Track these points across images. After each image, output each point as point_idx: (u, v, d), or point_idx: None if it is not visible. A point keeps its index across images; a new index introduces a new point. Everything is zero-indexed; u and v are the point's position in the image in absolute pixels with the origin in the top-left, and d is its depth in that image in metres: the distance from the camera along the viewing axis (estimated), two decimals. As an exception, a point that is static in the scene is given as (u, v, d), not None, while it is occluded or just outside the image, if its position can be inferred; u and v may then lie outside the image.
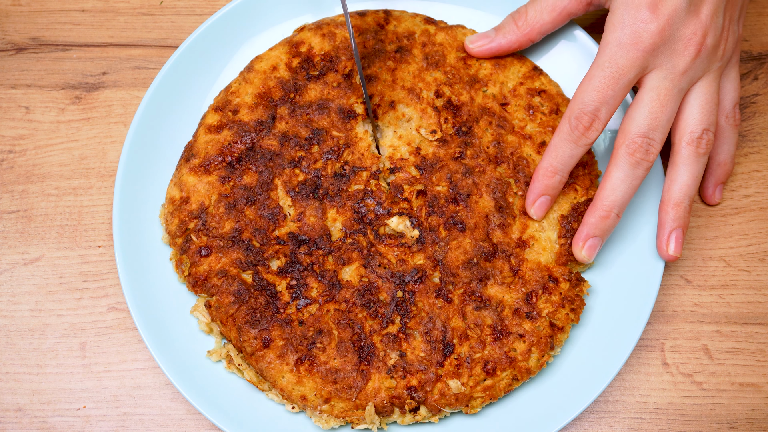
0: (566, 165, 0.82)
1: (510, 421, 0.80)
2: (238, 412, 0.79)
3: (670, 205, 0.83)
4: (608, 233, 0.82)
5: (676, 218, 0.83)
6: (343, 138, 0.88)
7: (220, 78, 0.93)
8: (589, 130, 0.80)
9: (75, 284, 0.91)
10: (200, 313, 0.82)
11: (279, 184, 0.86)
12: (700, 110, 0.81)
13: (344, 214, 0.85)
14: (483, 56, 0.91)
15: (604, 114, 0.79)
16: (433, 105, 0.89)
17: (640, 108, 0.79)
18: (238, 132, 0.87)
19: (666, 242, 0.83)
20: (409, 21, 0.94)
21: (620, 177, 0.80)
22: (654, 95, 0.79)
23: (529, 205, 0.84)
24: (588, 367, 0.82)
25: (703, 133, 0.81)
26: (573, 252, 0.83)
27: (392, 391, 0.78)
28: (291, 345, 0.79)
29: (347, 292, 0.82)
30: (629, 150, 0.79)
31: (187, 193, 0.85)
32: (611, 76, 0.78)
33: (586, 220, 0.82)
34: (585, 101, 0.79)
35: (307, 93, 0.89)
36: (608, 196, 0.80)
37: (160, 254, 0.85)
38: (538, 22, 0.89)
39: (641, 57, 0.78)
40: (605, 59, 0.78)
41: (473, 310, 0.81)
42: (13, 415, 0.86)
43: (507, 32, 0.90)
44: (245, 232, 0.84)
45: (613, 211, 0.81)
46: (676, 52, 0.78)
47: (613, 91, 0.78)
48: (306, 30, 0.92)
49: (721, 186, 0.93)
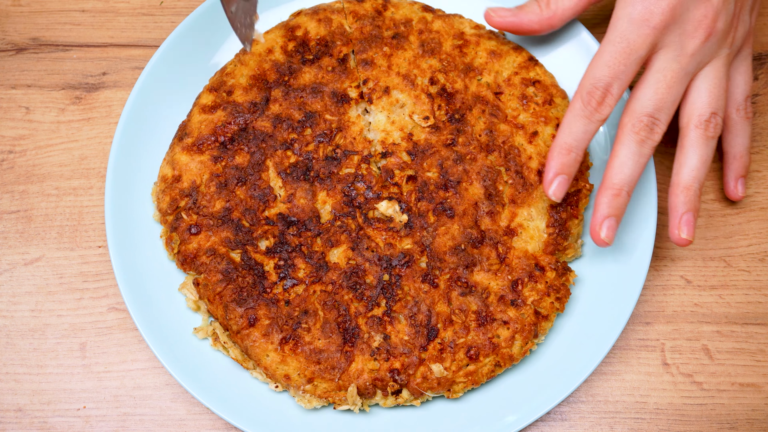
0: (581, 142, 0.81)
1: (491, 407, 0.81)
2: (222, 389, 0.80)
3: (680, 188, 0.81)
4: (622, 212, 0.80)
5: (686, 201, 0.80)
6: (336, 122, 0.88)
7: (215, 59, 0.93)
8: (602, 106, 0.79)
9: (75, 284, 0.91)
10: (188, 291, 0.83)
11: (270, 165, 0.86)
12: (708, 94, 0.80)
13: (334, 196, 0.85)
14: (501, 27, 0.90)
15: (616, 89, 0.79)
16: (427, 92, 0.90)
17: (646, 88, 0.79)
18: (231, 113, 0.88)
19: (678, 226, 0.81)
20: (407, 8, 0.94)
21: (627, 155, 0.79)
22: (661, 76, 0.78)
23: (547, 186, 0.82)
24: (571, 357, 0.82)
25: (711, 117, 0.80)
26: (592, 238, 0.81)
27: (375, 373, 0.79)
28: (276, 324, 0.80)
29: (334, 274, 0.82)
30: (635, 129, 0.78)
31: (179, 171, 0.86)
32: (622, 51, 0.78)
33: (599, 201, 0.80)
34: (597, 76, 0.78)
35: (302, 76, 0.90)
36: (617, 174, 0.79)
37: (150, 232, 0.86)
38: (560, 8, 0.88)
39: (651, 34, 0.77)
40: (616, 35, 0.78)
41: (459, 296, 0.81)
42: (13, 416, 0.86)
43: (529, 12, 0.89)
44: (235, 212, 0.84)
45: (624, 189, 0.79)
46: (686, 33, 0.78)
47: (624, 66, 0.78)
48: (302, 15, 0.93)
49: (742, 179, 0.91)
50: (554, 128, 0.89)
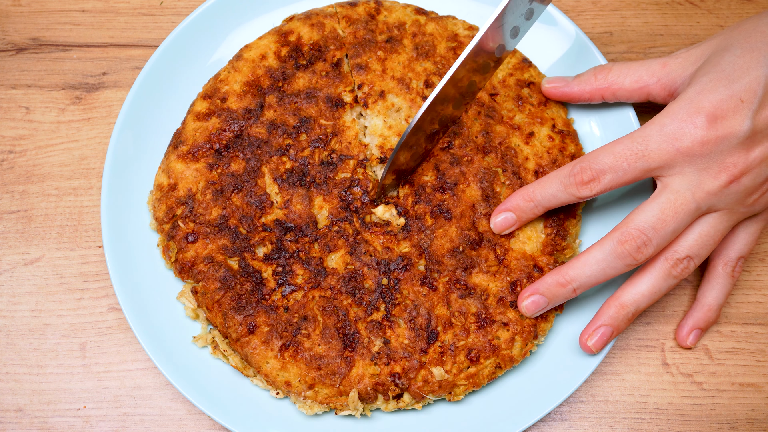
0: (546, 201, 0.80)
1: (493, 409, 0.80)
2: (223, 397, 0.80)
3: (616, 302, 0.79)
4: (558, 301, 0.79)
5: (613, 317, 0.79)
6: (331, 126, 0.88)
7: (209, 66, 0.93)
8: (584, 186, 0.77)
9: (75, 284, 0.91)
10: (186, 299, 0.83)
11: (266, 171, 0.86)
12: (696, 237, 0.76)
13: (331, 201, 0.85)
14: (552, 98, 0.89)
15: (607, 181, 0.76)
16: (422, 95, 0.89)
17: (652, 205, 0.75)
18: (226, 119, 0.87)
19: (590, 333, 0.79)
20: (400, 11, 0.94)
21: (598, 258, 0.76)
22: (672, 198, 0.75)
23: (493, 215, 0.83)
24: (571, 357, 0.82)
25: (686, 259, 0.77)
26: (517, 301, 0.80)
27: (376, 377, 0.78)
28: (276, 331, 0.80)
29: (332, 279, 0.82)
30: (622, 238, 0.75)
31: (175, 179, 0.86)
32: (635, 152, 0.75)
33: (544, 277, 0.79)
34: (597, 158, 0.76)
35: (296, 82, 0.90)
36: (576, 268, 0.77)
37: (147, 240, 0.86)
38: (616, 84, 0.85)
39: (673, 154, 0.74)
40: (640, 135, 0.75)
41: (458, 298, 0.81)
42: (13, 416, 0.86)
43: (582, 82, 0.87)
44: (232, 219, 0.84)
45: (572, 284, 0.77)
46: (709, 171, 0.74)
47: (627, 165, 0.75)
48: (295, 20, 0.93)
49: (698, 332, 0.87)
50: (550, 129, 0.89)
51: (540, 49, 0.94)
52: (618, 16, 1.05)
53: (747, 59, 0.74)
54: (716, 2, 1.05)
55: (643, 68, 0.83)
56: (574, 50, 0.93)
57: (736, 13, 1.04)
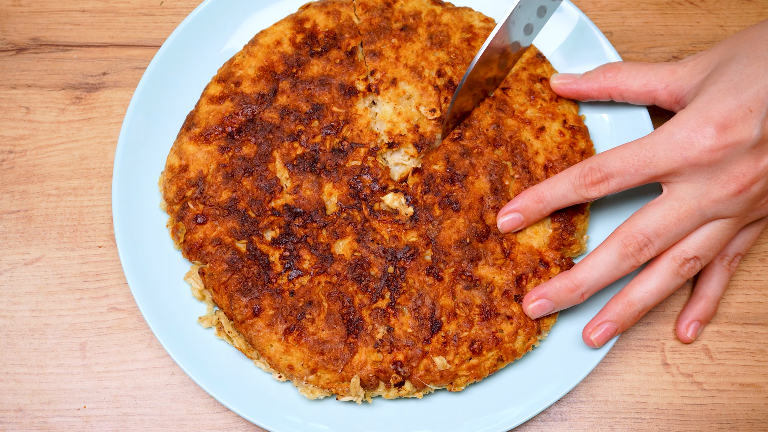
0: (556, 201, 0.80)
1: (493, 401, 0.81)
2: (226, 378, 0.80)
3: (624, 299, 0.79)
4: (564, 306, 0.79)
5: (620, 313, 0.79)
6: (343, 114, 0.88)
7: (224, 50, 0.94)
8: (592, 187, 0.78)
9: (75, 284, 0.91)
10: (193, 280, 0.84)
11: (277, 156, 0.87)
12: (703, 239, 0.77)
13: (340, 188, 0.85)
14: (561, 94, 0.90)
15: (614, 184, 0.77)
16: (434, 84, 0.90)
17: (656, 209, 0.76)
18: (239, 103, 0.88)
19: (595, 327, 0.80)
20: (416, 0, 0.94)
21: (604, 260, 0.77)
22: (677, 205, 0.76)
23: (500, 215, 0.83)
24: (573, 354, 0.82)
25: (693, 259, 0.77)
26: (523, 301, 0.81)
27: (378, 364, 0.79)
28: (281, 315, 0.80)
29: (339, 266, 0.82)
30: (625, 241, 0.76)
31: (186, 161, 0.86)
32: (643, 157, 0.76)
33: (552, 281, 0.79)
34: (606, 161, 0.77)
35: (310, 68, 0.90)
36: (584, 270, 0.77)
37: (157, 221, 0.87)
38: (624, 85, 0.85)
39: (680, 162, 0.74)
40: (648, 142, 0.76)
41: (463, 290, 0.81)
42: (13, 416, 0.86)
43: (590, 79, 0.87)
44: (241, 202, 0.85)
45: (581, 289, 0.77)
46: (718, 180, 0.74)
47: (634, 170, 0.76)
48: (311, 7, 0.93)
49: (697, 324, 0.87)
50: (561, 124, 0.88)
51: (543, 33, 0.94)
52: (618, 16, 1.04)
53: (754, 68, 0.74)
54: (716, 2, 1.04)
55: (652, 72, 0.84)
56: (576, 34, 0.93)
57: (736, 13, 1.04)
